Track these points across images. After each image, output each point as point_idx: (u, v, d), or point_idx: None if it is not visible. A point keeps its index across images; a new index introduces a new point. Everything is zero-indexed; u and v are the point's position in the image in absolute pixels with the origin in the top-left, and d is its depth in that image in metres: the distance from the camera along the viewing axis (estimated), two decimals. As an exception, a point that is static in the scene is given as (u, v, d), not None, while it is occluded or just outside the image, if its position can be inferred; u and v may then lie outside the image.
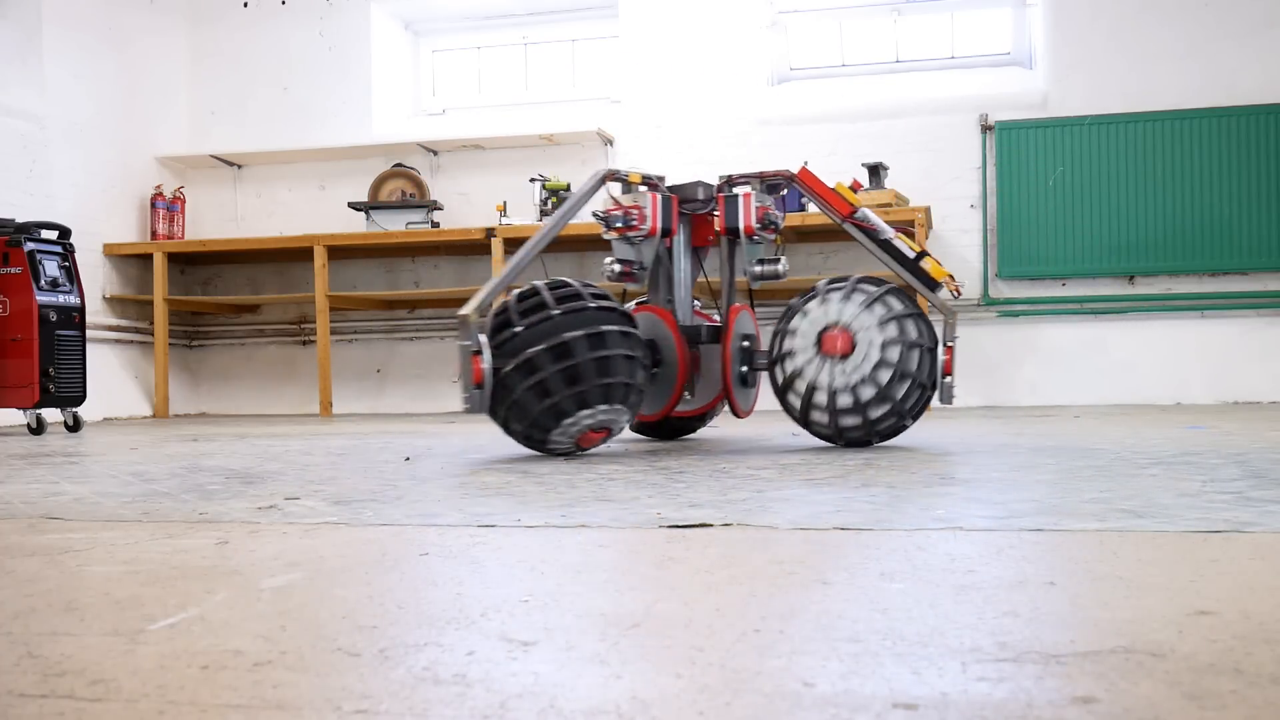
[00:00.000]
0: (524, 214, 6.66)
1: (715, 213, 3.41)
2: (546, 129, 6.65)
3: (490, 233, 6.14)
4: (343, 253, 6.83)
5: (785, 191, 5.87)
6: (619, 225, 3.28)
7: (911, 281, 3.22)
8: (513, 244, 6.39)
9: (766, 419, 5.12)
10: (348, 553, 1.47)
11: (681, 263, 3.45)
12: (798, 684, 0.83)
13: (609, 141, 6.69)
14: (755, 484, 2.20)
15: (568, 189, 6.35)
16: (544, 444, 2.96)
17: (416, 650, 0.95)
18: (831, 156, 6.42)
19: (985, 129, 6.26)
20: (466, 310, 2.83)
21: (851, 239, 6.36)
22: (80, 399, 4.84)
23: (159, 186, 6.91)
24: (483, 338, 2.85)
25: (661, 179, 3.37)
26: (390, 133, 7.05)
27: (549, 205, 6.32)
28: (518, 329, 2.86)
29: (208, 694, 0.84)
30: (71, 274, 4.90)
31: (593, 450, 3.19)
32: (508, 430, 2.97)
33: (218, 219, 7.28)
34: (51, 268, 4.80)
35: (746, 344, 3.31)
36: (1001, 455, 2.78)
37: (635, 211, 3.27)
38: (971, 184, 6.29)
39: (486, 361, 2.82)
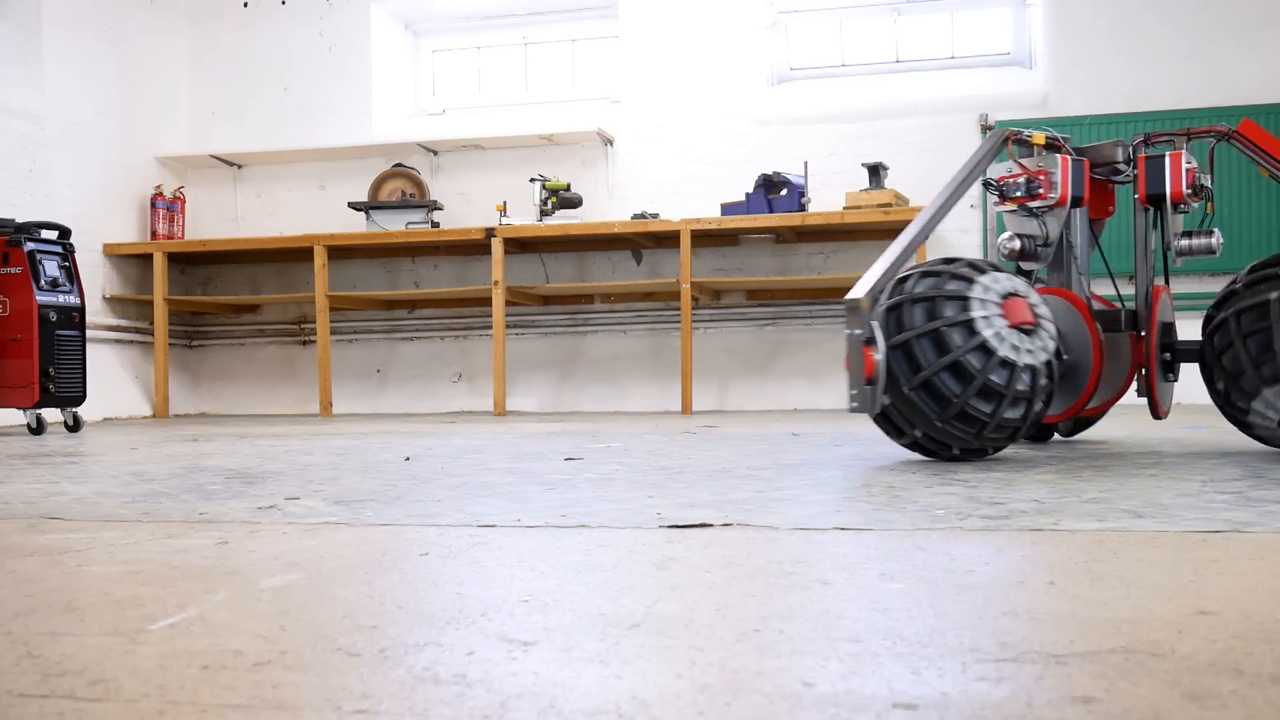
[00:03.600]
0: (524, 214, 6.66)
1: (1125, 180, 2.99)
2: (546, 129, 6.65)
3: (490, 233, 6.14)
4: (343, 253, 6.83)
5: (785, 191, 5.89)
6: (1019, 194, 2.86)
7: None
8: (513, 244, 6.39)
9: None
10: (348, 553, 1.46)
11: (1079, 238, 3.03)
12: (798, 684, 0.83)
13: (609, 141, 6.69)
14: (755, 484, 2.20)
15: (568, 189, 6.36)
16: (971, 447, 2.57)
17: (416, 650, 0.95)
18: (831, 156, 6.42)
19: (985, 129, 6.26)
20: (858, 294, 2.44)
21: (851, 238, 6.37)
22: (80, 399, 4.84)
23: (159, 186, 6.91)
24: (876, 325, 2.44)
25: (1067, 139, 2.96)
26: (390, 133, 7.05)
27: (549, 205, 6.32)
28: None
29: (208, 694, 0.84)
30: (71, 274, 4.90)
31: (596, 447, 3.19)
32: (901, 435, 2.60)
33: (218, 219, 7.28)
34: (51, 268, 4.80)
35: (1170, 328, 2.95)
36: (1001, 455, 2.78)
37: (1041, 178, 2.86)
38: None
39: (880, 351, 2.42)
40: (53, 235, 4.92)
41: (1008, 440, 2.58)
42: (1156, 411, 2.94)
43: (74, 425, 4.84)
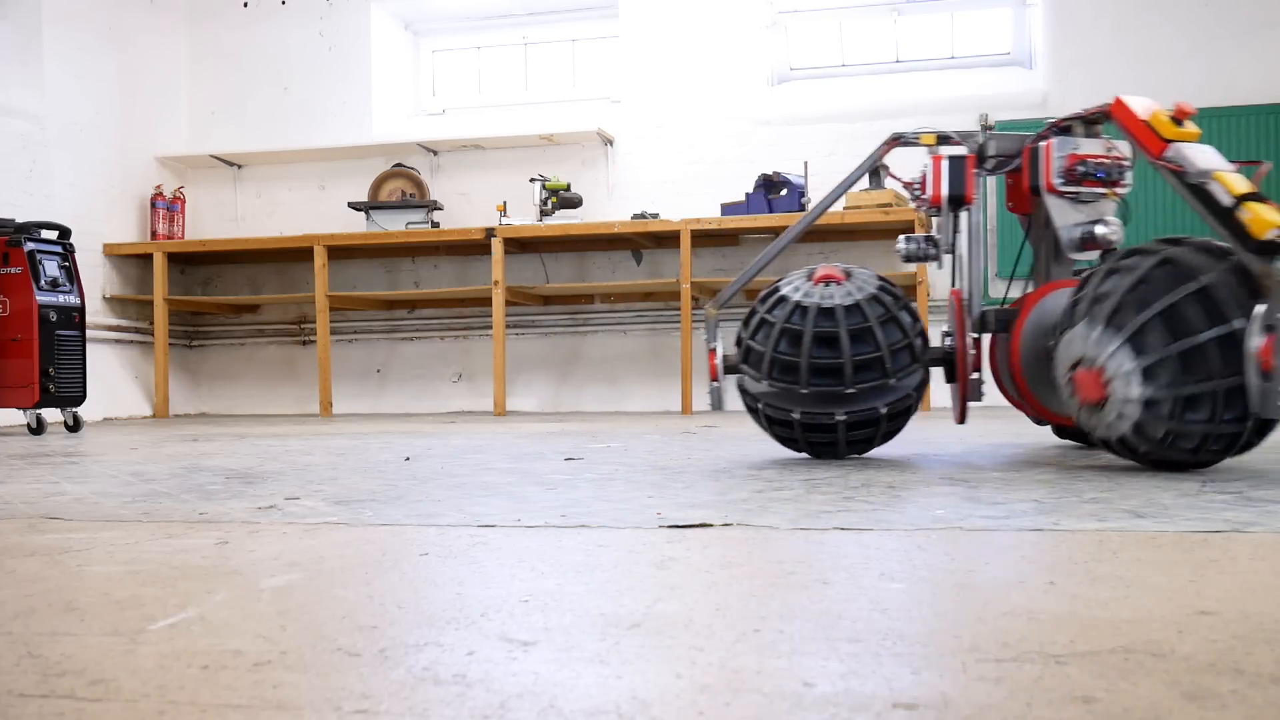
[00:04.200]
0: (524, 214, 6.66)
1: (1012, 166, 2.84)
2: (546, 129, 6.65)
3: (490, 233, 6.14)
4: (343, 253, 6.83)
5: (785, 191, 5.90)
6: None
7: (1225, 237, 2.28)
8: (513, 244, 6.39)
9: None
10: (348, 553, 1.46)
11: (965, 238, 2.90)
12: (798, 684, 0.83)
13: (609, 141, 6.69)
14: (755, 484, 2.20)
15: (568, 189, 6.35)
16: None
17: (416, 650, 0.95)
18: (831, 156, 6.42)
19: (985, 129, 6.25)
20: (715, 304, 2.68)
21: (851, 238, 6.37)
22: (80, 399, 4.84)
23: (159, 186, 6.91)
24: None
25: (976, 132, 2.85)
26: (390, 133, 7.04)
27: (549, 205, 6.32)
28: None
29: (208, 694, 0.84)
30: (71, 274, 4.90)
31: (596, 447, 3.19)
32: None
33: (218, 219, 7.28)
34: (51, 268, 4.80)
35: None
36: (1001, 455, 2.78)
37: (920, 180, 2.82)
38: (971, 184, 6.28)
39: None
40: (53, 235, 4.92)
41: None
42: (960, 418, 2.85)
43: (74, 425, 4.84)
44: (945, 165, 2.79)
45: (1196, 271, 2.18)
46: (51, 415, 5.38)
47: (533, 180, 6.39)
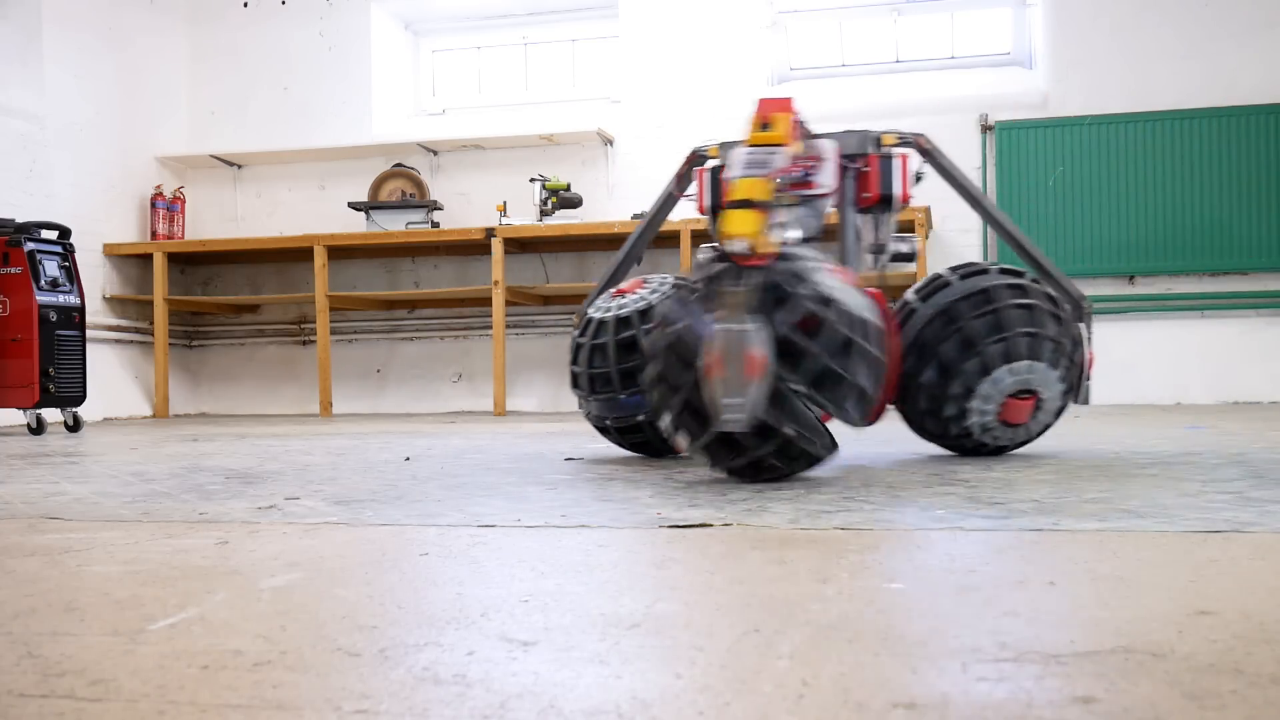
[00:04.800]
0: (524, 214, 6.66)
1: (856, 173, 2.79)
2: (546, 129, 6.65)
3: (490, 233, 6.14)
4: (343, 253, 6.83)
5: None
6: (795, 181, 2.61)
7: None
8: (513, 244, 6.39)
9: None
10: (348, 553, 1.46)
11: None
12: (798, 684, 0.83)
13: (609, 141, 6.69)
14: (755, 484, 2.19)
15: (568, 189, 6.35)
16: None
17: (416, 650, 0.95)
18: (831, 156, 6.41)
19: (985, 129, 6.26)
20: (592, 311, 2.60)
21: (851, 239, 6.36)
22: (80, 399, 4.84)
23: (159, 186, 6.91)
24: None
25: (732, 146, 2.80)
26: (390, 133, 7.04)
27: (549, 205, 6.32)
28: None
29: (208, 694, 0.84)
30: (71, 274, 4.90)
31: (596, 447, 3.19)
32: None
33: (218, 219, 7.28)
34: (51, 268, 4.80)
35: None
36: (1001, 455, 2.78)
37: (812, 164, 2.67)
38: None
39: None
40: (53, 235, 4.92)
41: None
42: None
43: (74, 425, 4.84)
44: (708, 177, 2.79)
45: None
46: (51, 415, 5.38)
47: (533, 180, 6.39)
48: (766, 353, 2.05)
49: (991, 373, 2.54)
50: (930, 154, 2.84)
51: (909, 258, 2.82)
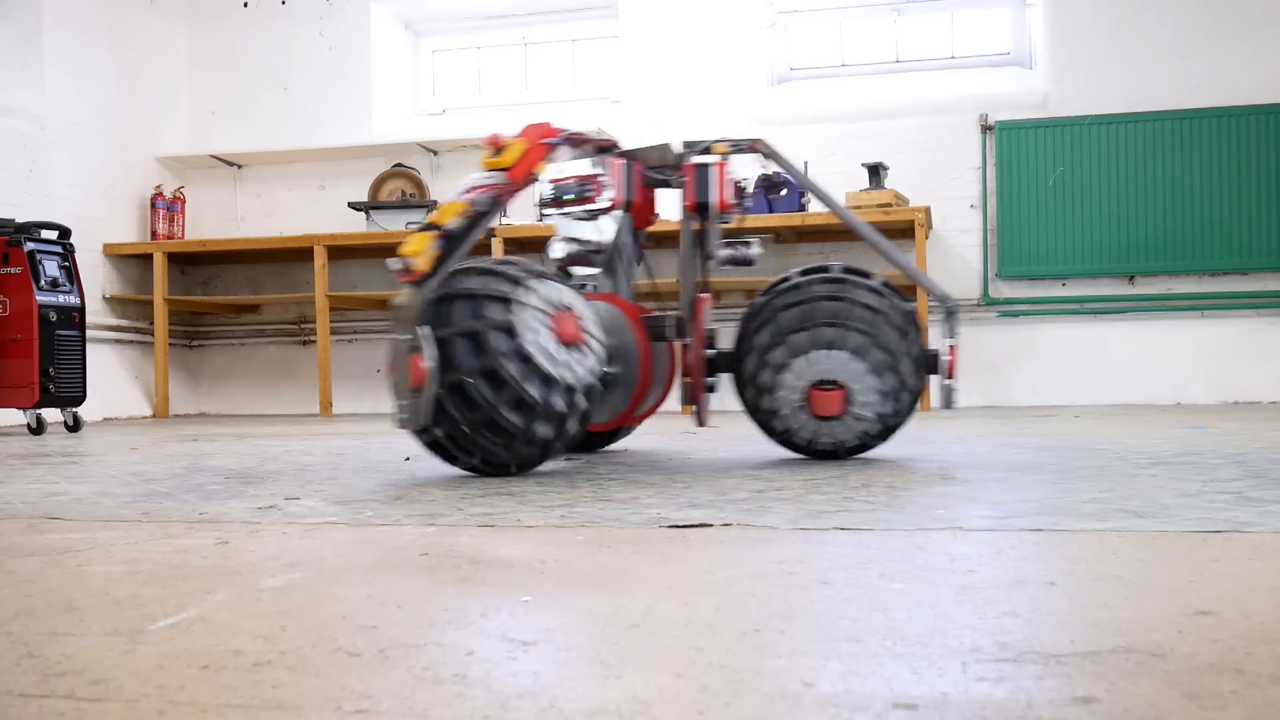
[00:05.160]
0: (524, 214, 6.66)
1: (675, 185, 2.95)
2: (546, 129, 6.64)
3: (491, 233, 6.13)
4: (343, 253, 6.83)
5: (785, 191, 5.89)
6: (572, 197, 2.86)
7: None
8: (513, 244, 6.40)
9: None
10: (348, 553, 1.46)
11: (626, 243, 3.02)
12: (798, 684, 0.83)
13: (609, 141, 6.68)
14: (755, 484, 2.20)
15: (568, 189, 6.34)
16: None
17: (416, 650, 0.95)
18: (831, 156, 6.41)
19: (985, 129, 6.26)
20: (405, 300, 2.37)
21: (851, 238, 6.37)
22: (80, 399, 4.84)
23: (159, 186, 6.91)
24: (427, 332, 2.32)
25: (615, 143, 2.96)
26: (390, 133, 7.04)
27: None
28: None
29: (208, 694, 0.84)
30: (71, 274, 4.90)
31: (589, 453, 3.19)
32: (422, 433, 2.43)
33: (218, 219, 7.28)
34: (51, 268, 4.80)
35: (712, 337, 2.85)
36: (1001, 455, 2.78)
37: (594, 181, 2.85)
38: (971, 184, 6.29)
39: (431, 359, 2.29)
40: (53, 235, 4.92)
41: (540, 458, 2.44)
42: (702, 420, 2.82)
43: (74, 425, 4.83)
44: (624, 169, 2.90)
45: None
46: (51, 415, 5.38)
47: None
48: (431, 362, 2.27)
49: (791, 361, 2.63)
50: (772, 156, 2.90)
51: (746, 261, 2.88)
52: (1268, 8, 6.00)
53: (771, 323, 2.68)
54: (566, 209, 2.90)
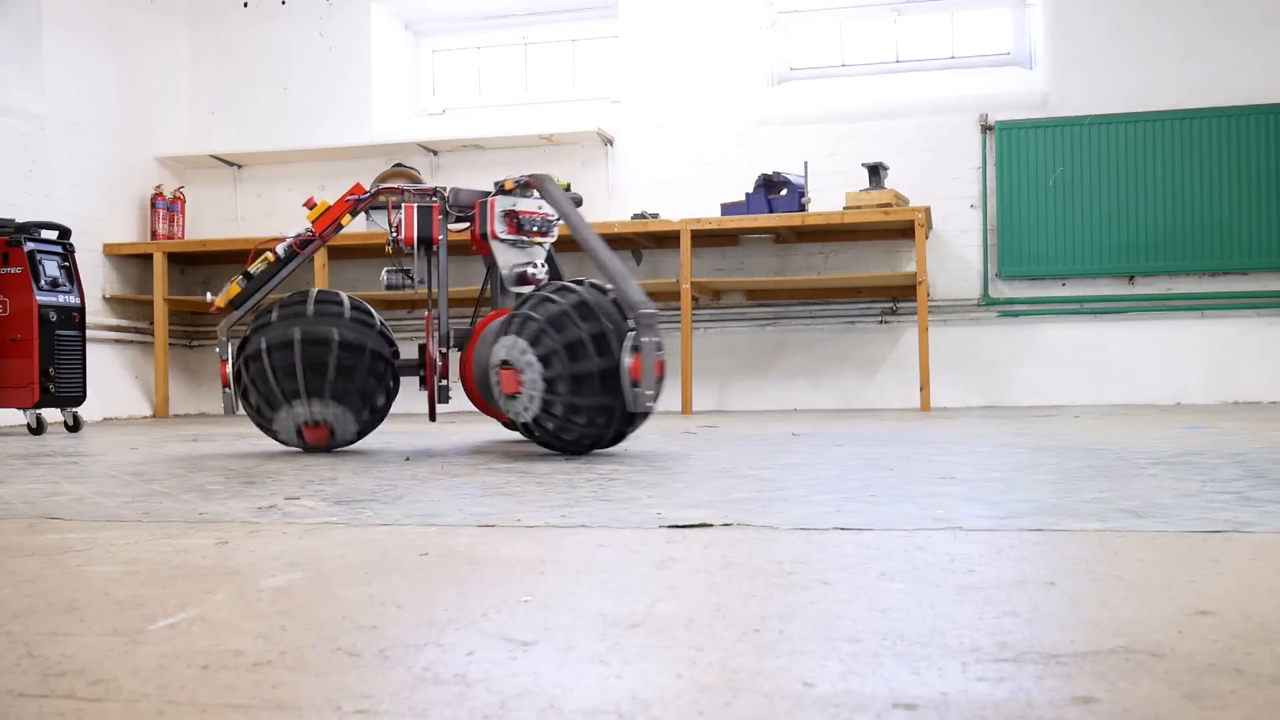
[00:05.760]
0: (524, 214, 6.66)
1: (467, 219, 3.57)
2: (546, 129, 6.65)
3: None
4: (342, 253, 6.83)
5: (785, 191, 5.90)
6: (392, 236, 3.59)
7: None
8: (513, 244, 6.40)
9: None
10: (348, 553, 1.47)
11: (439, 272, 3.55)
12: (798, 684, 0.83)
13: (609, 141, 6.69)
14: (755, 484, 2.20)
15: (568, 189, 6.33)
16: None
17: (416, 650, 0.95)
18: (831, 156, 6.42)
19: (985, 129, 6.26)
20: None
21: (850, 238, 6.38)
22: (80, 399, 4.84)
23: (159, 186, 6.91)
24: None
25: (441, 189, 3.54)
26: (390, 133, 7.04)
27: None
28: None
29: (208, 694, 0.84)
30: (71, 274, 4.90)
31: (598, 450, 3.19)
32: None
33: (218, 219, 7.28)
34: (51, 268, 4.80)
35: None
36: (1002, 455, 2.78)
37: (398, 223, 3.53)
38: (971, 184, 6.29)
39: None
40: (53, 235, 4.92)
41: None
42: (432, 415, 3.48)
43: (74, 425, 4.84)
44: (415, 213, 3.47)
45: (601, 314, 2.91)
46: (51, 415, 5.38)
47: (533, 180, 6.39)
48: (230, 369, 3.33)
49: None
50: (544, 192, 3.46)
51: (527, 280, 3.47)
52: (1268, 8, 6.00)
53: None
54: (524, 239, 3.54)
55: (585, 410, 2.89)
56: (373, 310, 3.44)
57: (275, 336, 3.26)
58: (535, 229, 3.52)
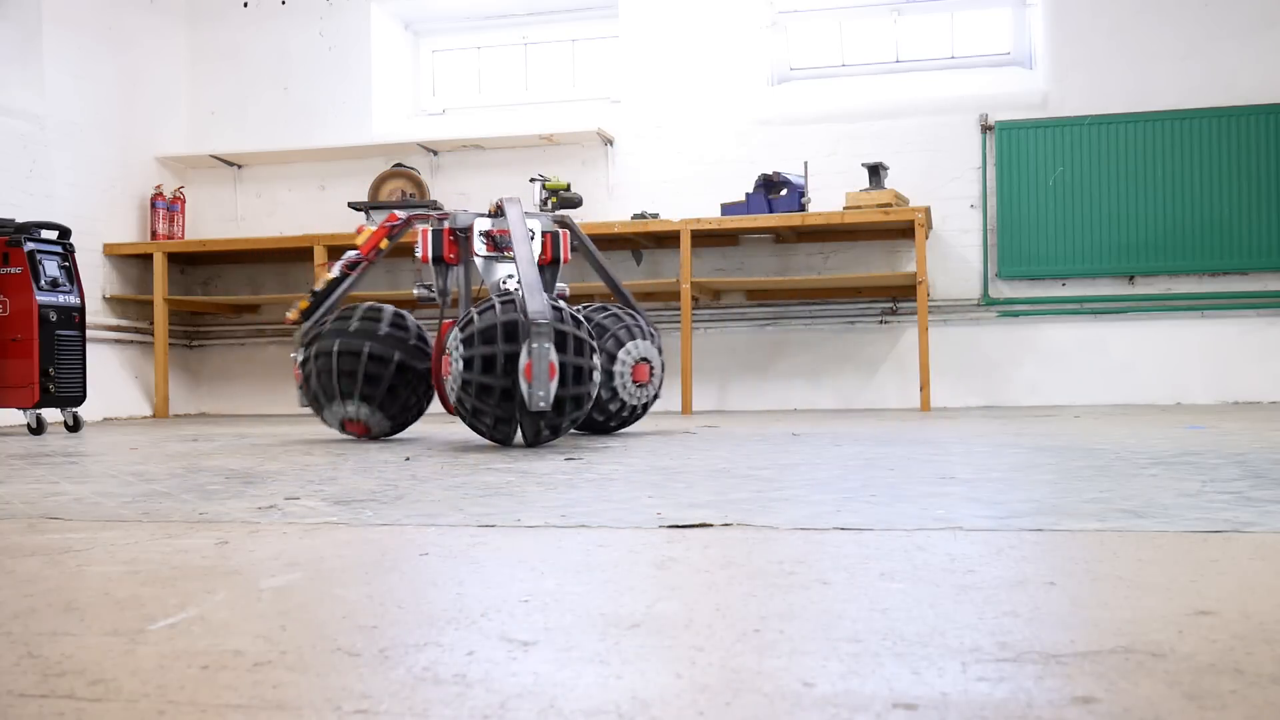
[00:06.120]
0: (524, 214, 6.66)
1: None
2: (546, 129, 6.65)
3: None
4: (342, 253, 6.82)
5: (785, 191, 5.90)
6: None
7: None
8: (513, 244, 6.40)
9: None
10: (348, 553, 1.47)
11: (459, 283, 4.08)
12: (798, 684, 0.83)
13: (609, 141, 6.69)
14: (755, 484, 2.20)
15: (568, 189, 6.35)
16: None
17: (416, 650, 0.95)
18: (831, 156, 6.42)
19: (985, 129, 6.26)
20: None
21: (850, 238, 6.38)
22: (80, 399, 4.84)
23: (159, 186, 6.91)
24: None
25: (446, 215, 3.99)
26: (390, 133, 7.04)
27: (549, 205, 6.32)
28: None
29: (208, 694, 0.84)
30: (71, 274, 4.90)
31: (595, 447, 3.19)
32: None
33: (218, 219, 7.28)
34: (51, 268, 4.80)
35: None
36: (1002, 455, 2.78)
37: (416, 242, 4.10)
38: (971, 184, 6.29)
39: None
40: (53, 235, 4.92)
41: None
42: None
43: (74, 425, 4.84)
44: (429, 235, 3.91)
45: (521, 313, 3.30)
46: (51, 415, 5.38)
47: (533, 180, 6.38)
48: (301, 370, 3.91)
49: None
50: (504, 209, 3.86)
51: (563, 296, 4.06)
52: (1268, 8, 6.00)
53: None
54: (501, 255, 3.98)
55: (492, 398, 3.29)
56: (411, 324, 3.92)
57: (323, 347, 3.81)
58: (509, 245, 3.91)
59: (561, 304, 3.42)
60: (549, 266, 4.03)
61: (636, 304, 4.11)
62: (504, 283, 3.88)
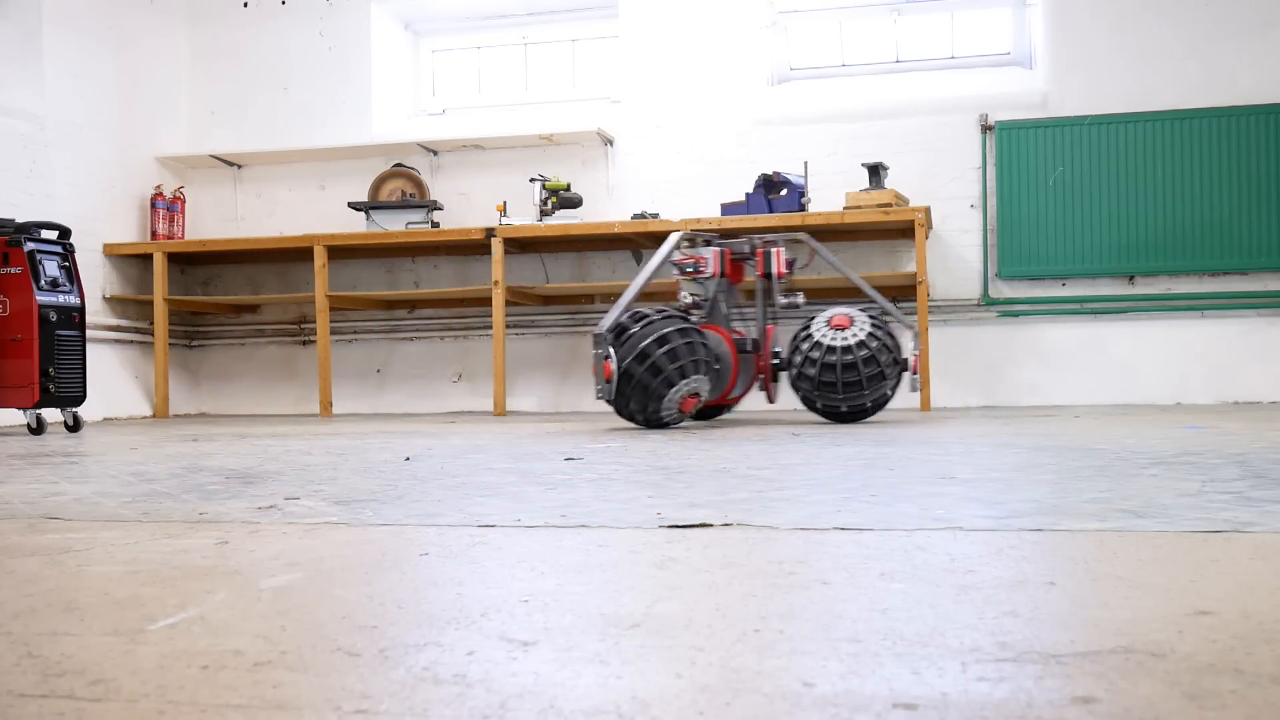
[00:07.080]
0: (524, 214, 6.66)
1: (753, 261, 4.81)
2: (546, 129, 6.65)
3: (490, 233, 6.14)
4: (343, 253, 6.83)
5: (785, 191, 5.90)
6: (690, 271, 4.72)
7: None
8: (513, 244, 6.41)
9: (759, 416, 5.12)
10: (348, 553, 1.47)
11: (724, 296, 4.80)
12: (798, 684, 0.83)
13: (609, 141, 6.69)
14: (755, 484, 2.20)
15: (568, 189, 6.36)
16: (658, 415, 4.29)
17: (416, 650, 0.95)
18: (831, 156, 6.42)
19: (985, 129, 6.26)
20: (602, 329, 4.25)
21: (851, 238, 6.37)
22: (80, 399, 4.84)
23: (159, 186, 6.91)
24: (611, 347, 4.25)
25: (709, 239, 4.81)
26: (390, 133, 7.04)
27: (549, 205, 6.32)
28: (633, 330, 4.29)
29: (208, 694, 0.84)
30: (71, 274, 4.90)
31: (596, 447, 3.19)
32: (629, 413, 4.30)
33: (218, 219, 7.28)
34: (51, 268, 4.80)
35: (778, 351, 4.74)
36: (1001, 455, 2.78)
37: (701, 261, 4.71)
38: (971, 184, 6.29)
39: (614, 363, 4.23)
40: (53, 235, 4.92)
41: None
42: (771, 398, 4.79)
43: (74, 425, 4.84)
44: (717, 254, 4.67)
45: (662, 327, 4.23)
46: (51, 415, 5.38)
47: (533, 180, 6.39)
48: (613, 364, 4.26)
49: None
50: (813, 247, 4.87)
51: (796, 306, 4.72)
52: (1267, 8, 6.00)
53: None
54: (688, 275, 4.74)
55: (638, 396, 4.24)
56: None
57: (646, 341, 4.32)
58: (688, 270, 4.72)
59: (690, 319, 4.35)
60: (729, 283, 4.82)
61: (888, 303, 4.76)
62: (687, 297, 4.75)
